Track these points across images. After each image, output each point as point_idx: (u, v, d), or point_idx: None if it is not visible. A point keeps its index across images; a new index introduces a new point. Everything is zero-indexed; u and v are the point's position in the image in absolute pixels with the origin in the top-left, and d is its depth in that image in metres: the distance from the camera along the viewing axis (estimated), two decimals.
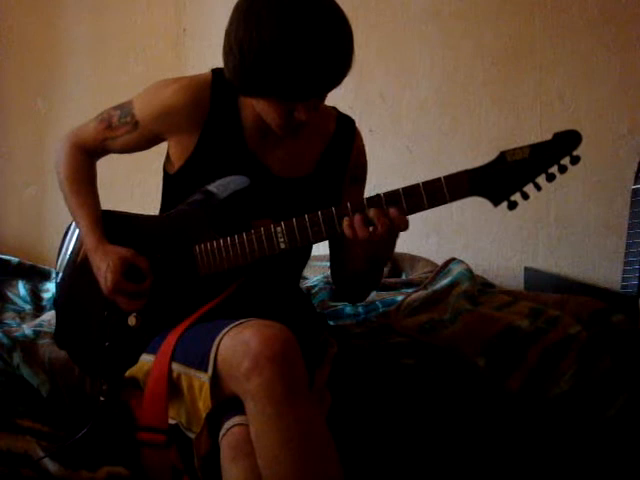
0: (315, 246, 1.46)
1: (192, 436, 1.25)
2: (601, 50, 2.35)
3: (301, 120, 1.30)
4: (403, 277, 2.17)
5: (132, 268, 1.42)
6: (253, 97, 1.32)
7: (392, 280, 2.09)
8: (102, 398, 1.40)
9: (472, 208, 2.32)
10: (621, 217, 2.19)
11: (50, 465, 1.32)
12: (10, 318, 1.92)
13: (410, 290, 1.90)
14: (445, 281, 1.87)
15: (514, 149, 1.23)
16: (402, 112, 2.52)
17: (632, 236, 2.02)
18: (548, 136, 1.23)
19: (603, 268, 2.34)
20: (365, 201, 1.27)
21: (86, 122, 1.53)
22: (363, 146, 1.55)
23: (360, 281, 1.49)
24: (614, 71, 2.34)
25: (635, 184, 2.03)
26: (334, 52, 1.23)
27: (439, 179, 1.24)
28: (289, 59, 1.19)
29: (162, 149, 1.55)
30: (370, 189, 1.61)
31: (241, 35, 1.22)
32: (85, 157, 1.53)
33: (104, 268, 1.40)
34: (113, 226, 1.48)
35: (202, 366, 1.23)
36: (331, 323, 1.72)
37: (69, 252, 1.54)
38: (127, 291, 1.40)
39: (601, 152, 2.09)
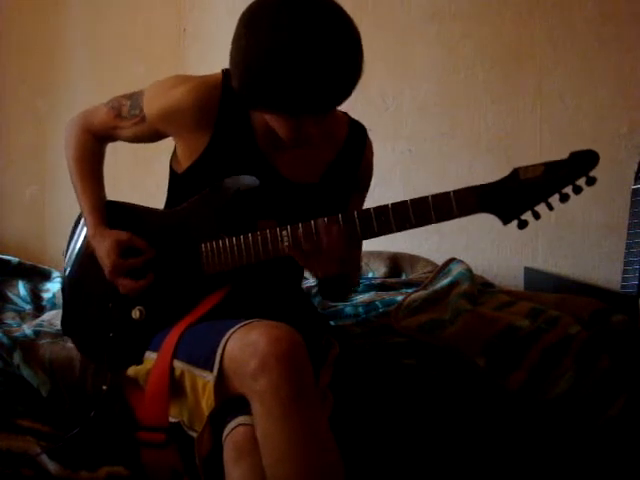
0: None
1: (194, 435, 1.25)
2: (601, 50, 2.35)
3: (310, 134, 1.29)
4: (403, 277, 2.17)
5: (132, 250, 1.42)
6: (260, 111, 1.31)
7: (392, 280, 2.09)
8: (104, 387, 1.40)
9: None
10: (621, 217, 2.19)
11: (50, 465, 1.32)
12: (10, 318, 1.92)
13: (410, 290, 1.90)
14: (445, 281, 1.87)
15: (527, 167, 1.20)
16: (402, 112, 2.52)
17: (632, 236, 2.02)
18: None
19: (603, 268, 2.34)
20: (372, 211, 1.27)
21: (97, 106, 1.52)
22: (372, 155, 1.55)
23: (328, 284, 1.50)
24: (614, 71, 2.34)
25: (635, 184, 2.03)
26: (338, 67, 1.20)
27: (448, 193, 1.22)
28: (292, 73, 1.17)
29: (163, 149, 1.55)
30: (370, 189, 1.61)
31: (244, 49, 1.21)
32: (94, 141, 1.53)
33: (103, 252, 1.41)
34: (119, 217, 1.48)
35: (207, 365, 1.23)
36: (331, 323, 1.72)
37: (80, 241, 1.55)
38: (127, 268, 1.41)
39: (601, 152, 2.07)
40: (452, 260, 1.97)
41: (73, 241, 1.57)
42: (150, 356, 1.36)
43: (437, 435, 1.47)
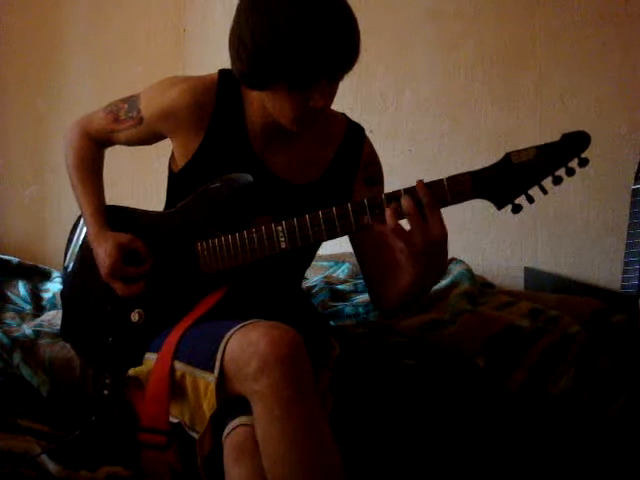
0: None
1: (195, 436, 1.25)
2: (601, 50, 2.35)
3: (317, 108, 1.28)
4: None
5: (132, 254, 1.42)
6: (267, 89, 1.30)
7: None
8: (106, 392, 1.40)
9: (472, 208, 2.33)
10: (621, 217, 2.19)
11: (50, 465, 1.32)
12: (10, 318, 1.92)
13: None
14: (445, 281, 1.87)
15: (519, 150, 1.20)
16: (402, 112, 2.52)
17: (632, 236, 2.02)
18: (548, 136, 1.21)
19: (603, 268, 2.34)
20: (366, 201, 1.26)
21: (95, 111, 1.53)
22: (373, 151, 1.53)
23: (400, 292, 1.40)
24: (614, 71, 2.34)
25: (635, 184, 2.03)
26: (346, 29, 1.24)
27: (441, 180, 1.22)
28: (303, 37, 1.19)
29: (164, 150, 1.55)
30: None
31: (252, 22, 1.23)
32: (93, 146, 1.54)
33: (102, 254, 1.42)
34: (117, 220, 1.49)
35: (208, 366, 1.23)
36: (331, 323, 1.73)
37: (79, 244, 1.55)
38: (125, 275, 1.41)
39: (601, 152, 2.08)
40: (452, 260, 1.97)
41: (72, 244, 1.57)
42: (150, 357, 1.36)
43: (437, 435, 1.47)
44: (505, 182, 1.21)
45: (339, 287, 2.01)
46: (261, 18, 1.21)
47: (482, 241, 2.44)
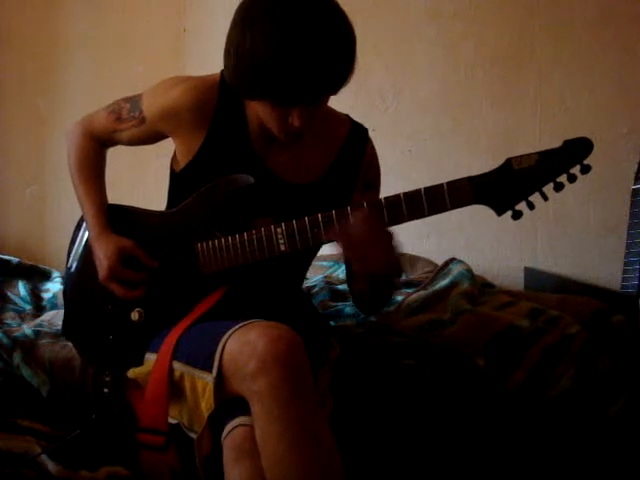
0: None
1: (194, 436, 1.25)
2: (601, 50, 2.35)
3: (294, 126, 1.28)
4: (403, 277, 2.17)
5: (132, 259, 1.42)
6: (250, 100, 1.32)
7: None
8: (106, 390, 1.40)
9: (472, 207, 2.31)
10: (621, 217, 2.19)
11: (50, 465, 1.32)
12: (10, 318, 1.92)
13: (410, 290, 1.90)
14: (445, 281, 1.87)
15: (521, 156, 1.19)
16: (402, 112, 2.52)
17: (632, 236, 2.02)
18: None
19: (603, 268, 2.34)
20: (365, 205, 1.26)
21: (97, 110, 1.53)
22: (374, 154, 1.53)
23: (365, 296, 1.46)
24: (614, 71, 2.34)
25: (635, 184, 2.03)
26: (328, 59, 1.20)
27: (441, 185, 1.21)
28: (281, 62, 1.18)
29: (164, 149, 1.55)
30: None
31: (237, 37, 1.23)
32: (95, 146, 1.54)
33: (101, 256, 1.42)
34: (118, 219, 1.49)
35: (206, 366, 1.23)
36: (331, 323, 1.73)
37: (82, 244, 1.55)
38: (123, 279, 1.41)
39: (601, 152, 2.07)
40: (452, 260, 1.97)
41: (75, 244, 1.57)
42: (150, 357, 1.36)
43: (437, 435, 1.47)
44: (505, 188, 1.20)
45: (339, 287, 2.01)
46: (244, 36, 1.21)
47: (482, 241, 2.44)
